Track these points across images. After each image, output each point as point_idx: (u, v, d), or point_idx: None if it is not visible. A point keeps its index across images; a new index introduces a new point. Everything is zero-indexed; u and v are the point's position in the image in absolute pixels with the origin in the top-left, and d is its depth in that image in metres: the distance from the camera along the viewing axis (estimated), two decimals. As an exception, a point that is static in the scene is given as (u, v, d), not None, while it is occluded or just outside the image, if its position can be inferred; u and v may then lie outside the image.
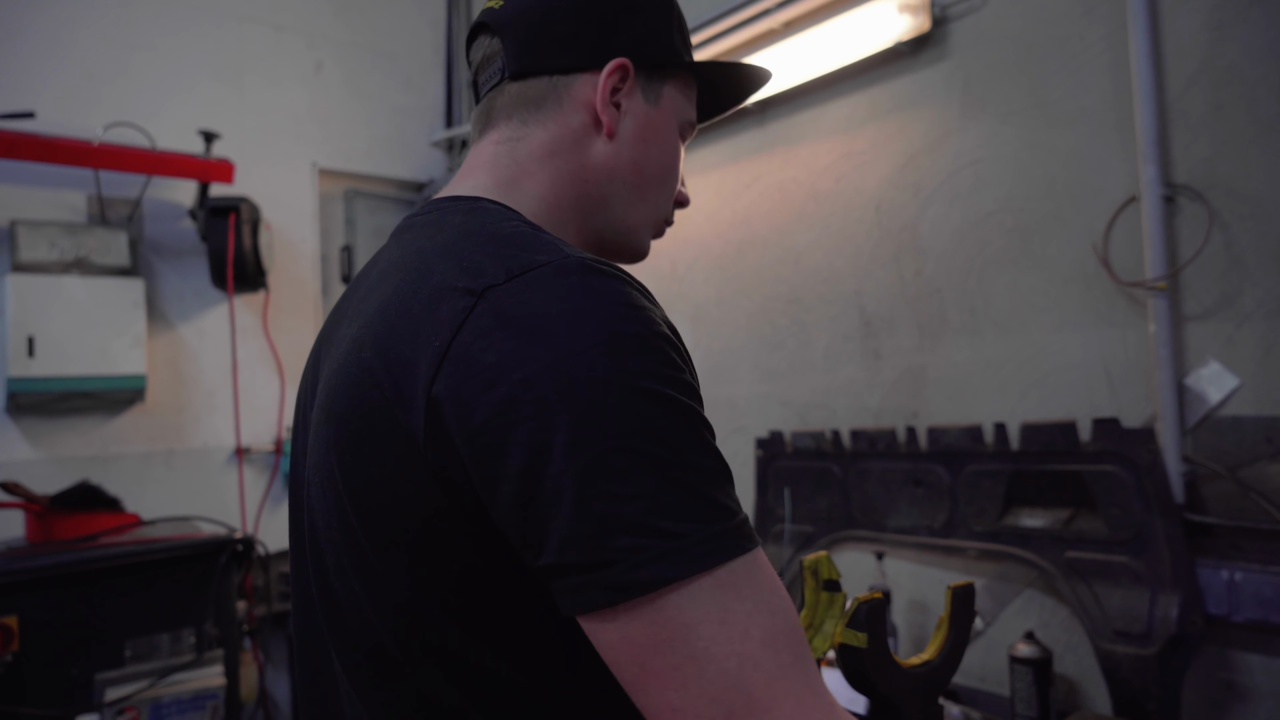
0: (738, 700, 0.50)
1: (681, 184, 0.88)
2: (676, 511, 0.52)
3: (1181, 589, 1.42)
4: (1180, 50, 1.51)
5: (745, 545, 0.54)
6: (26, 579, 1.80)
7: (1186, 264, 1.49)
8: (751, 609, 0.52)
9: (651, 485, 0.52)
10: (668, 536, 0.51)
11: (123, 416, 2.89)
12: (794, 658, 0.52)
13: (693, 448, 0.55)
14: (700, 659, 0.51)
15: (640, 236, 0.84)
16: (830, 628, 1.01)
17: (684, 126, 0.84)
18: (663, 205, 0.84)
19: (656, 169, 0.81)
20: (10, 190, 2.71)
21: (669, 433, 0.54)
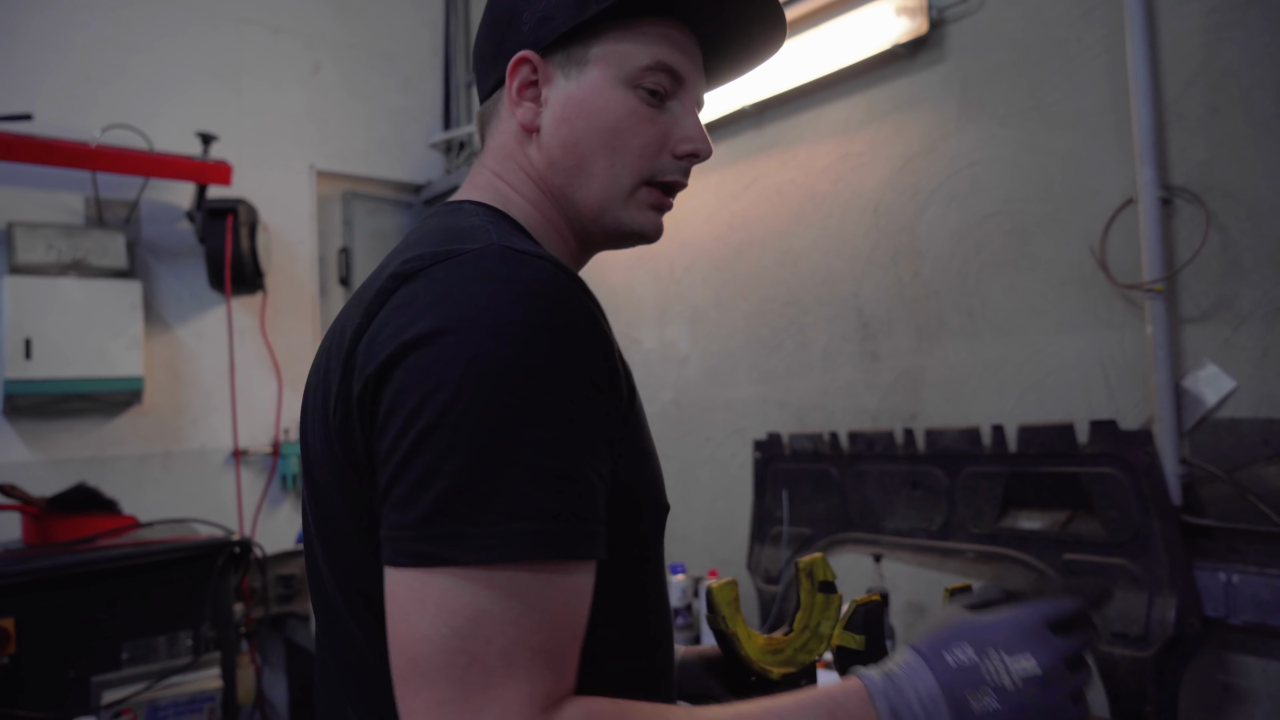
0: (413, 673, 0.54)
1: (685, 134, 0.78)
2: (477, 501, 0.54)
3: (1179, 591, 1.42)
4: (1177, 53, 1.51)
5: (511, 554, 0.54)
6: (24, 581, 1.80)
7: (1184, 266, 1.49)
8: (482, 611, 0.54)
9: (463, 470, 0.54)
10: (464, 522, 0.54)
11: (120, 418, 2.89)
12: (500, 672, 0.53)
13: (529, 442, 0.55)
14: (408, 627, 0.55)
15: (615, 213, 0.78)
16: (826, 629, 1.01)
17: (637, 74, 0.75)
18: (624, 173, 0.76)
19: (592, 139, 0.75)
20: (7, 192, 2.71)
21: (509, 425, 0.55)
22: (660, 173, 0.78)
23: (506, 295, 0.58)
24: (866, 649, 0.94)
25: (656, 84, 0.75)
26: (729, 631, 0.95)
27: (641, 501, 0.70)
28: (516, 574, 0.54)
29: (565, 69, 0.76)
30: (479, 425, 0.55)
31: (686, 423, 2.56)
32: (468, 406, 0.55)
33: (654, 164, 0.77)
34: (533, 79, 0.77)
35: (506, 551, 0.54)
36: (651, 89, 0.75)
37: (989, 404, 1.78)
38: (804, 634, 1.03)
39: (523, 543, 0.54)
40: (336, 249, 3.54)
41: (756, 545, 2.22)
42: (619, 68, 0.75)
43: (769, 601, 2.16)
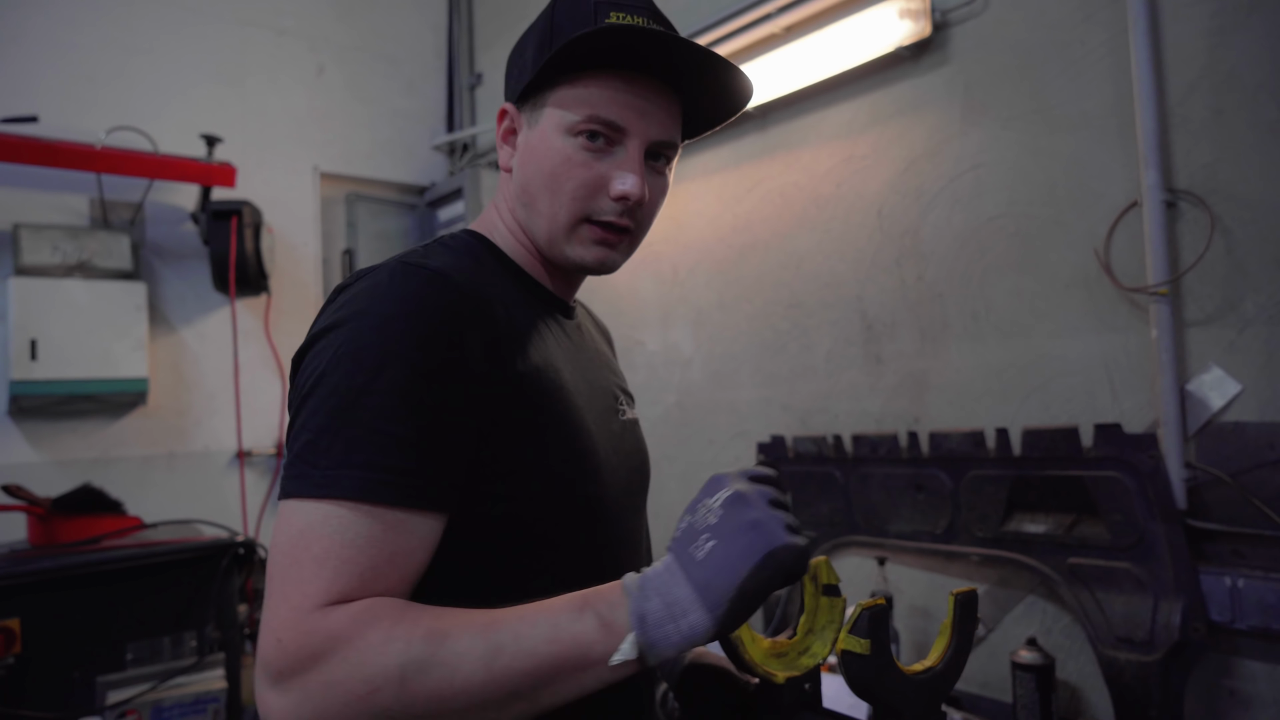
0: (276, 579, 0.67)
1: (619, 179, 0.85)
2: (321, 450, 0.69)
3: (1184, 595, 1.42)
4: (1181, 56, 1.51)
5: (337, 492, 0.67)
6: (29, 582, 1.80)
7: (1188, 269, 1.49)
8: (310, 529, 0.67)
9: (319, 427, 0.70)
10: (309, 466, 0.69)
11: (124, 419, 2.89)
12: (311, 569, 0.66)
13: (369, 409, 0.70)
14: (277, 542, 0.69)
15: (560, 246, 0.88)
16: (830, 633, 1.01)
17: (577, 125, 0.84)
18: (561, 211, 0.86)
19: (538, 180, 0.86)
20: (13, 194, 2.72)
21: (357, 394, 0.70)
22: (597, 213, 0.86)
23: (381, 297, 0.74)
24: (872, 653, 0.94)
25: (593, 132, 0.84)
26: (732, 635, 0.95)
27: (530, 482, 0.79)
28: (338, 508, 0.67)
29: (529, 118, 0.88)
30: (335, 394, 0.70)
31: (690, 425, 2.56)
32: (331, 380, 0.71)
33: (590, 204, 0.86)
34: (512, 127, 0.91)
35: (333, 489, 0.67)
36: (590, 135, 0.84)
37: (993, 407, 1.78)
38: (808, 637, 1.03)
39: (347, 485, 0.67)
40: (340, 251, 3.54)
41: (760, 548, 2.22)
42: (561, 118, 0.85)
43: (772, 605, 2.16)
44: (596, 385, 0.95)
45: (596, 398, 0.93)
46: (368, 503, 0.67)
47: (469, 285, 0.78)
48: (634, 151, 0.85)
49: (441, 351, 0.73)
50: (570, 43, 0.79)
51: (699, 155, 2.53)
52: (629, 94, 0.84)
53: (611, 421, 0.94)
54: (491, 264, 0.89)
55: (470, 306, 0.77)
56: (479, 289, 0.79)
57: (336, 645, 0.63)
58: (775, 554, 0.65)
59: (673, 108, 0.88)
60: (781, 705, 0.96)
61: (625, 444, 0.96)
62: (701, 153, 2.52)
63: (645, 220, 0.91)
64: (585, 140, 0.84)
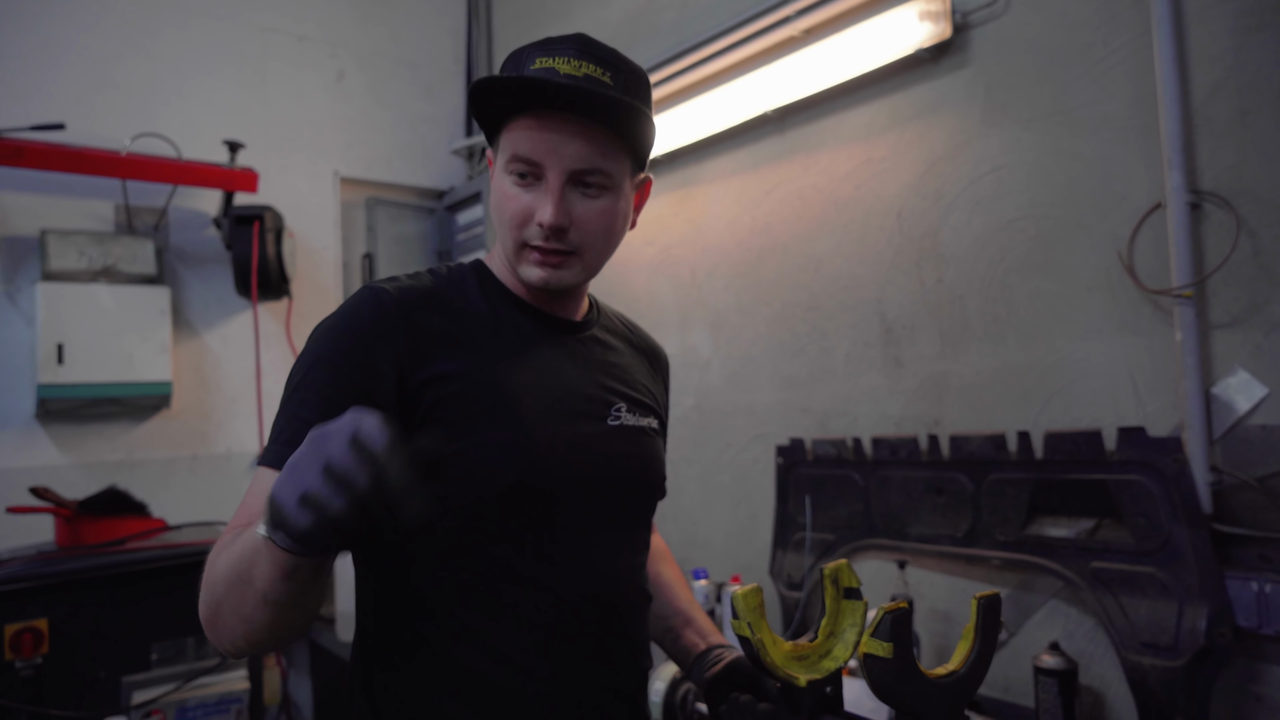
0: None
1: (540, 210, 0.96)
2: (272, 430, 0.91)
3: (1210, 600, 1.41)
4: (1206, 56, 1.50)
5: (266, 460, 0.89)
6: (56, 582, 1.83)
7: (1213, 271, 1.47)
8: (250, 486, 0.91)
9: (279, 411, 0.92)
10: (269, 441, 0.91)
11: (149, 422, 2.93)
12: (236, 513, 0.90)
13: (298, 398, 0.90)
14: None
15: (518, 268, 1.01)
16: (851, 635, 1.01)
17: (507, 164, 0.97)
18: (507, 238, 0.99)
19: (494, 213, 1.01)
20: (41, 200, 2.76)
21: (294, 387, 0.92)
22: (530, 238, 0.98)
23: (335, 312, 0.96)
24: (894, 656, 0.94)
25: (519, 170, 0.96)
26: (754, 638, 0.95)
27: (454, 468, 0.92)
28: (264, 471, 0.89)
29: (496, 161, 1.02)
30: (289, 386, 0.93)
31: (708, 428, 2.56)
32: (293, 371, 0.93)
33: (523, 232, 0.98)
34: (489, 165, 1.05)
35: (264, 458, 0.89)
36: (519, 173, 0.96)
37: (1014, 410, 1.77)
38: (829, 640, 1.02)
39: (270, 455, 0.88)
40: (360, 255, 3.57)
41: (779, 551, 2.22)
42: (499, 160, 0.99)
43: (791, 608, 2.15)
44: (576, 390, 1.04)
45: (565, 399, 1.02)
46: (277, 468, 0.85)
47: (403, 303, 0.95)
48: (553, 181, 0.95)
49: (356, 355, 0.91)
50: (473, 94, 0.94)
51: (717, 158, 2.53)
52: (541, 132, 0.94)
53: (588, 424, 1.03)
54: (474, 286, 1.04)
55: (391, 321, 0.94)
56: (420, 303, 0.97)
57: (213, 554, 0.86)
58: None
59: (595, 136, 0.95)
60: (803, 708, 0.96)
61: (611, 445, 1.04)
62: (719, 156, 2.52)
63: (585, 240, 0.99)
64: (516, 177, 0.97)
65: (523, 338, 1.02)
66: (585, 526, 1.01)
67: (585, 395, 1.05)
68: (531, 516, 0.96)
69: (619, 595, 1.04)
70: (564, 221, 0.96)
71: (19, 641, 1.76)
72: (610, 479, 1.04)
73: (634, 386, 1.13)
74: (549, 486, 0.97)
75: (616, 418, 1.06)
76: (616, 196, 1.00)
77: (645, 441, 1.11)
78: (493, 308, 1.03)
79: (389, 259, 3.64)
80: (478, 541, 0.95)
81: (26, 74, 2.76)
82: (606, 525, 1.03)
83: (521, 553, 0.96)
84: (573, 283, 1.02)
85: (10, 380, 2.68)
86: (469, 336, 0.98)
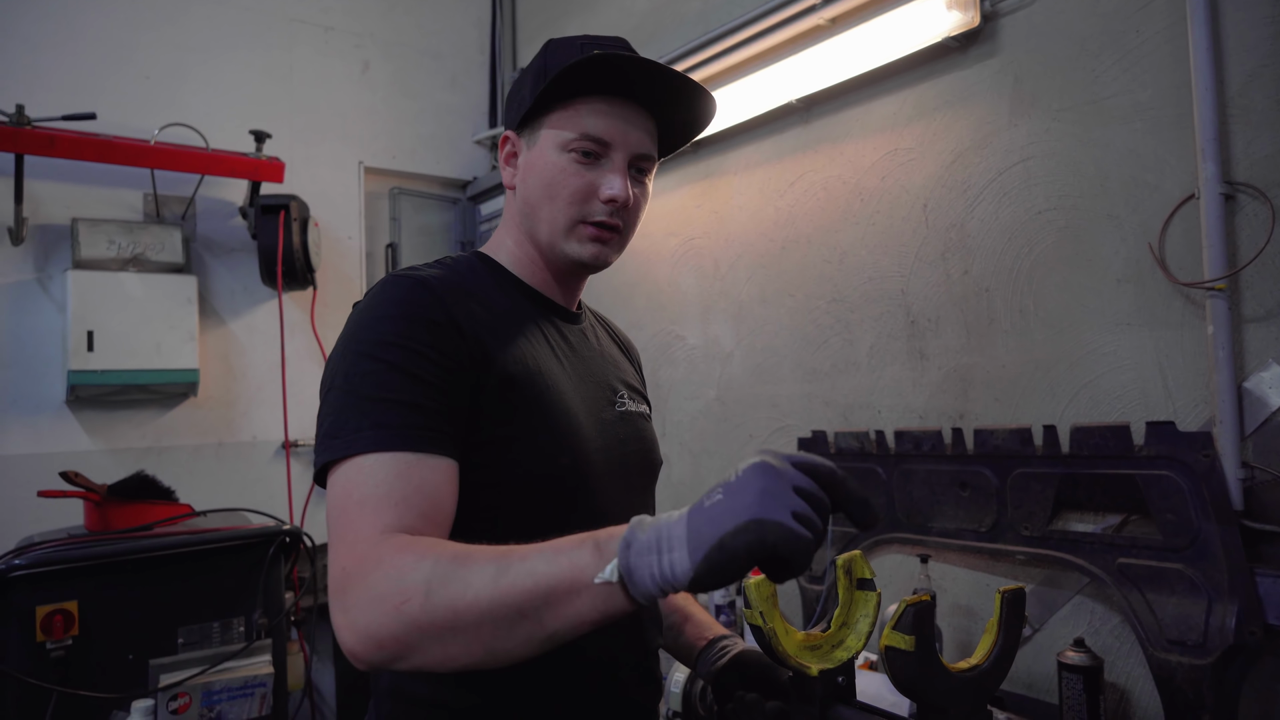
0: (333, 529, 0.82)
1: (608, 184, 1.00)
2: (339, 424, 0.85)
3: (1239, 598, 1.39)
4: (1242, 45, 1.47)
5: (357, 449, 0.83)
6: (86, 566, 1.86)
7: (1247, 264, 1.44)
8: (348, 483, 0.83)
9: (339, 408, 0.86)
10: (333, 439, 0.85)
11: (176, 409, 2.97)
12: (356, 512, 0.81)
13: (366, 385, 0.86)
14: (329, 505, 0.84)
15: (561, 247, 1.03)
16: (864, 627, 1.00)
17: (570, 142, 0.99)
18: (559, 215, 1.01)
19: (538, 190, 1.02)
20: (72, 189, 2.80)
21: (355, 376, 0.87)
22: (589, 214, 1.01)
23: (375, 304, 0.92)
24: (916, 649, 0.93)
25: (584, 148, 0.99)
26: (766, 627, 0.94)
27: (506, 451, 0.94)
28: (364, 460, 0.82)
29: (528, 141, 1.05)
30: (348, 383, 0.87)
31: (730, 420, 2.55)
32: (344, 375, 0.88)
33: (584, 208, 1.01)
34: (513, 150, 1.07)
35: (352, 448, 0.83)
36: (583, 151, 0.99)
37: (1041, 404, 1.75)
38: (842, 630, 1.02)
39: (363, 443, 0.83)
40: (384, 245, 3.59)
41: (800, 544, 2.21)
42: (557, 137, 1.00)
43: (812, 601, 2.15)
44: (589, 378, 1.08)
45: (588, 388, 1.07)
46: (381, 451, 0.82)
47: (447, 290, 0.95)
48: (619, 162, 1.01)
49: (424, 336, 0.89)
50: (565, 70, 0.95)
51: (741, 149, 2.51)
52: (613, 114, 0.99)
53: (604, 410, 1.08)
54: (487, 277, 1.05)
55: (447, 304, 0.93)
56: (459, 293, 0.96)
57: (380, 564, 0.75)
58: (764, 523, 0.65)
59: (649, 126, 1.04)
60: (815, 698, 0.96)
61: (620, 431, 1.09)
62: (743, 146, 2.50)
63: (631, 221, 1.05)
64: (578, 155, 0.99)
65: (540, 327, 1.05)
66: (610, 506, 1.03)
67: (597, 382, 1.10)
68: (571, 502, 0.99)
69: None
70: (631, 197, 1.01)
71: (50, 623, 1.80)
72: (626, 461, 1.08)
73: (626, 374, 1.19)
74: (589, 472, 1.00)
75: (621, 404, 1.12)
76: (650, 184, 1.08)
77: (645, 426, 1.17)
78: (510, 299, 1.05)
79: (412, 249, 3.66)
80: (521, 526, 0.95)
81: (58, 65, 2.79)
82: (625, 505, 1.06)
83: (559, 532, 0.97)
84: (611, 261, 1.06)
85: (42, 367, 2.72)
86: (500, 325, 0.99)
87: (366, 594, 0.74)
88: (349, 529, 0.79)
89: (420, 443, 0.84)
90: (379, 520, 0.79)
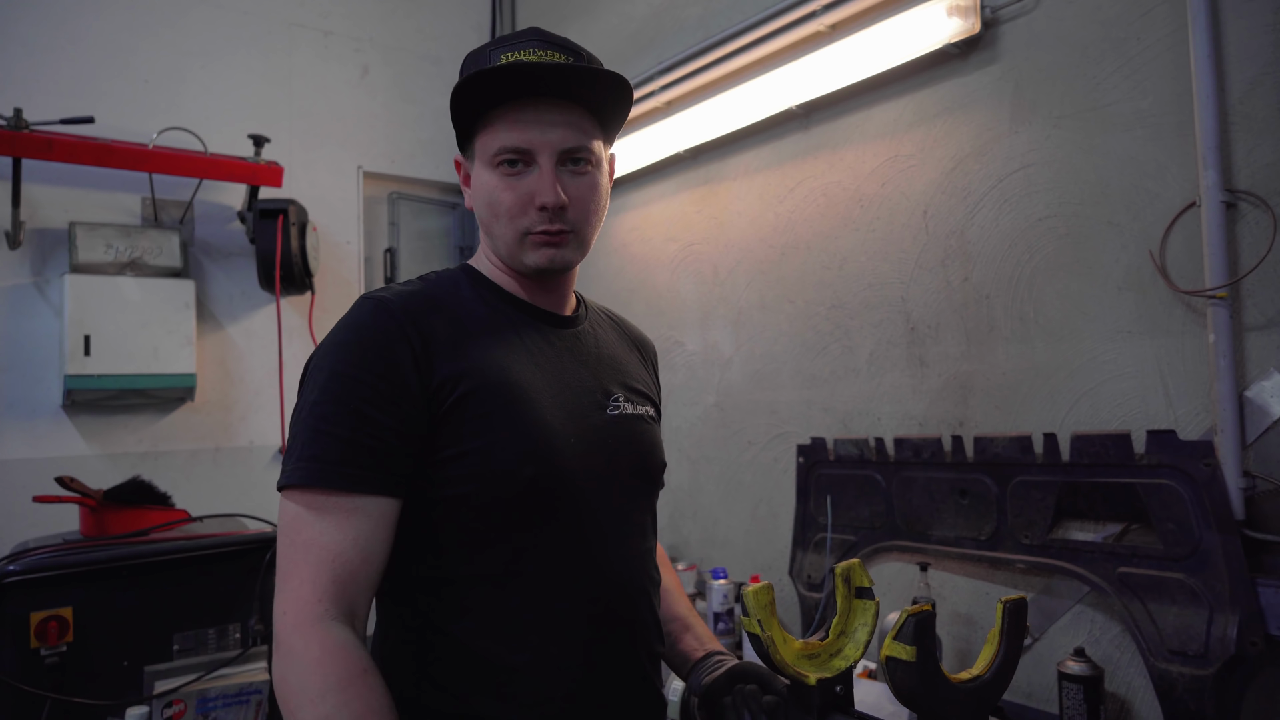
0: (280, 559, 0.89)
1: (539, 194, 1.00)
2: (289, 450, 0.91)
3: (1241, 608, 1.38)
4: (1244, 52, 1.46)
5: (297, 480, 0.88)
6: (82, 571, 1.84)
7: (1249, 272, 1.44)
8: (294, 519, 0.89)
9: (293, 434, 0.92)
10: (286, 463, 0.90)
11: (173, 414, 2.96)
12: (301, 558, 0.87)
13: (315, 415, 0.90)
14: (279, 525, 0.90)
15: (518, 260, 1.04)
16: (862, 634, 1.00)
17: (493, 158, 1.00)
18: (506, 231, 1.02)
19: (483, 210, 1.04)
20: (69, 193, 2.79)
21: (309, 405, 0.92)
22: (532, 225, 1.01)
23: (340, 327, 0.97)
24: (917, 660, 0.93)
25: (508, 159, 0.99)
26: (764, 635, 0.94)
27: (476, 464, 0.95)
28: (305, 496, 0.87)
29: (469, 162, 1.07)
30: (304, 407, 0.92)
31: (729, 426, 2.55)
32: (302, 398, 0.93)
33: (524, 220, 1.01)
34: (466, 172, 1.09)
35: (292, 478, 0.88)
36: (508, 163, 1.00)
37: (1041, 411, 1.75)
38: (840, 639, 1.01)
39: (301, 474, 0.87)
40: (383, 249, 3.59)
41: (799, 551, 2.20)
42: (482, 156, 1.02)
43: (811, 608, 2.14)
44: (574, 384, 1.07)
45: (569, 394, 1.06)
46: (319, 490, 0.87)
47: (408, 310, 0.96)
48: (546, 165, 1.00)
49: (374, 366, 0.91)
50: (456, 92, 0.97)
51: (741, 154, 2.51)
52: (526, 120, 0.99)
53: (591, 415, 1.07)
54: (468, 289, 1.06)
55: (402, 328, 0.94)
56: (424, 311, 0.98)
57: (305, 658, 0.83)
58: None
59: (574, 116, 1.01)
60: (813, 706, 0.95)
61: (609, 435, 1.08)
62: (743, 152, 2.50)
63: (580, 217, 1.03)
64: (505, 168, 1.00)
65: (521, 335, 1.05)
66: (596, 515, 1.03)
67: (585, 388, 1.09)
68: (547, 509, 0.99)
69: (630, 580, 1.06)
70: (563, 200, 0.99)
71: (45, 629, 1.78)
72: (615, 467, 1.07)
73: (629, 375, 1.18)
74: (562, 479, 1.00)
75: (615, 407, 1.11)
76: (599, 172, 1.06)
77: (644, 429, 1.15)
78: (489, 308, 1.05)
79: (411, 254, 3.65)
80: (498, 535, 0.97)
81: (56, 68, 2.79)
82: (614, 513, 1.06)
83: (538, 544, 0.98)
84: (573, 260, 1.06)
85: (39, 371, 2.71)
86: (472, 338, 1.00)
87: (286, 665, 0.84)
88: (294, 574, 0.87)
89: (356, 482, 0.89)
90: (319, 576, 0.86)
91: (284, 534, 0.88)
